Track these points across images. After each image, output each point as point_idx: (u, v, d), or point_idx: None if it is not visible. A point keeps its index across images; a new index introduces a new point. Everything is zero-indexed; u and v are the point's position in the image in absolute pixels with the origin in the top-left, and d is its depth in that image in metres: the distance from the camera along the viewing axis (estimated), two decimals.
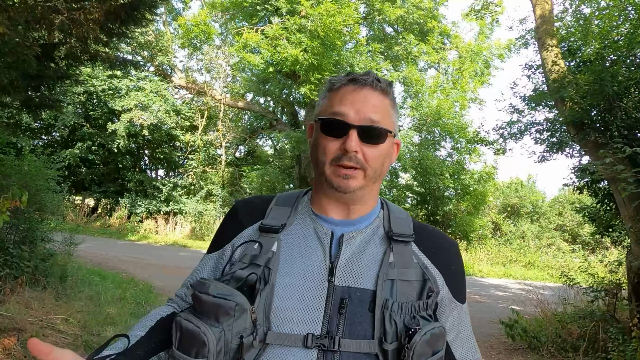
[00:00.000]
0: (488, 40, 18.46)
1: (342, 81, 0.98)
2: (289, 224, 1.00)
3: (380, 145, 0.96)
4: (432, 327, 0.88)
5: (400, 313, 0.88)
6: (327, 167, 0.95)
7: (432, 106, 16.57)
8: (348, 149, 0.92)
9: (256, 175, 17.72)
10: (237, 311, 0.84)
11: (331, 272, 0.92)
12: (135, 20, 4.41)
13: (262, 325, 0.87)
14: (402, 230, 1.00)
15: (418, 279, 0.94)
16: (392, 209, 1.07)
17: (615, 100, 5.71)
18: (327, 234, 0.98)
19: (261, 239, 0.97)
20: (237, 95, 19.63)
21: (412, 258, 0.96)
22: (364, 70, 15.15)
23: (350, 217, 1.00)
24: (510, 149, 11.08)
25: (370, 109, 0.95)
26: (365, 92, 0.96)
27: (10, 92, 4.47)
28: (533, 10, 7.18)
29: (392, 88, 1.02)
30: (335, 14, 13.88)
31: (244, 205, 1.08)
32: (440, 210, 17.05)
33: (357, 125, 0.93)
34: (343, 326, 0.88)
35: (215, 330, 0.82)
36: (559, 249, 19.91)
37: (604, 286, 5.68)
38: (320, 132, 0.97)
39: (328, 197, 1.00)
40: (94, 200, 18.85)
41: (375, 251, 0.96)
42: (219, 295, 0.84)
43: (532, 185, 24.78)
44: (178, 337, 0.85)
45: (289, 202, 1.05)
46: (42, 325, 4.45)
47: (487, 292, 10.40)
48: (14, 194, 3.76)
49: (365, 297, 0.90)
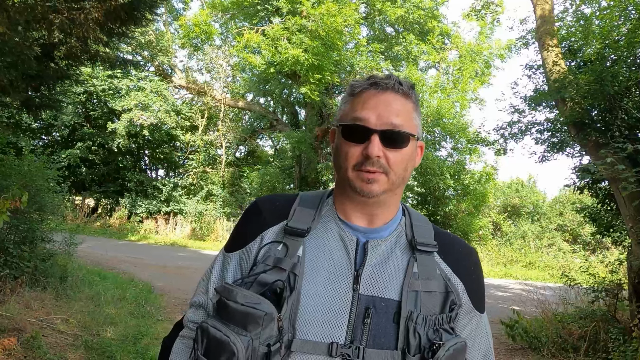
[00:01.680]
0: (488, 40, 18.46)
1: (363, 85, 0.97)
2: (313, 228, 0.98)
3: (403, 150, 0.94)
4: (455, 342, 0.89)
5: (425, 326, 0.88)
6: (350, 172, 0.94)
7: (432, 106, 16.55)
8: (370, 154, 0.90)
9: (256, 176, 17.73)
10: (265, 320, 0.83)
11: (356, 281, 0.91)
12: (135, 20, 4.41)
13: (287, 332, 0.87)
14: (425, 239, 0.99)
15: (441, 290, 0.94)
16: (414, 215, 1.05)
17: (615, 100, 5.70)
18: (353, 240, 0.96)
19: (286, 240, 0.95)
20: (238, 95, 19.64)
21: (435, 269, 0.96)
22: (365, 70, 15.23)
23: (373, 225, 0.99)
24: (511, 149, 11.09)
25: (392, 112, 0.93)
26: (387, 96, 0.95)
27: (10, 92, 4.47)
28: (533, 10, 7.17)
29: (414, 91, 1.00)
30: (336, 14, 13.88)
31: (268, 203, 1.05)
32: (440, 211, 17.04)
33: (379, 129, 0.92)
34: (367, 336, 0.87)
35: (244, 339, 0.82)
36: (559, 249, 19.90)
37: (604, 286, 5.67)
38: (342, 138, 0.95)
39: (351, 202, 0.98)
40: (94, 201, 18.84)
41: (399, 260, 0.95)
42: (247, 304, 0.84)
43: (532, 185, 24.77)
44: (205, 345, 0.85)
45: (313, 203, 1.02)
46: (42, 325, 4.44)
47: (488, 292, 10.29)
48: (14, 194, 3.76)
49: (389, 307, 0.90)
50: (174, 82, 19.06)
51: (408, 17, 17.04)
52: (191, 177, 19.09)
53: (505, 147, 8.41)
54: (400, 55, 17.83)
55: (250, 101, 19.76)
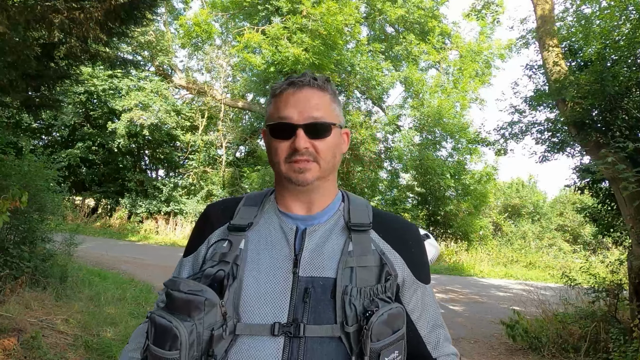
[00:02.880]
0: (489, 40, 18.46)
1: (282, 86, 1.05)
2: (255, 223, 1.06)
3: (327, 139, 1.02)
4: (390, 307, 0.94)
5: (359, 297, 0.94)
6: (283, 165, 1.02)
7: (432, 106, 16.56)
8: (298, 147, 0.99)
9: (257, 176, 17.71)
10: (207, 306, 0.89)
11: (295, 264, 0.98)
12: (136, 20, 4.40)
13: (231, 318, 0.93)
14: (361, 219, 1.06)
15: (376, 264, 0.99)
16: (353, 200, 1.12)
17: (616, 100, 5.70)
18: (292, 229, 1.04)
19: (230, 237, 1.03)
20: (238, 95, 19.63)
21: (370, 245, 1.02)
22: (364, 70, 15.21)
23: (312, 212, 1.06)
24: (512, 149, 11.08)
25: (312, 107, 1.01)
26: (305, 92, 1.03)
27: (10, 92, 4.47)
28: (534, 10, 7.17)
29: (330, 83, 1.08)
30: (336, 13, 13.88)
31: (215, 208, 1.14)
32: (441, 211, 17.02)
33: (302, 124, 1.00)
34: (308, 313, 0.94)
35: (187, 324, 0.87)
36: (560, 249, 19.90)
37: (605, 286, 5.66)
38: (271, 137, 1.04)
39: (290, 193, 1.07)
40: (94, 201, 18.83)
41: (336, 242, 1.02)
42: (190, 292, 0.89)
43: (533, 185, 24.80)
44: (153, 333, 0.89)
45: (256, 201, 1.11)
46: (42, 325, 4.44)
47: (488, 293, 10.38)
48: (14, 194, 3.76)
49: (327, 285, 0.96)
50: (174, 82, 19.06)
51: (408, 17, 17.04)
52: (191, 177, 19.08)
53: (506, 147, 8.41)
54: (401, 55, 17.84)
55: (250, 101, 19.74)
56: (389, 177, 18.42)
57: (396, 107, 18.52)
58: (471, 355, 5.49)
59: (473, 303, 8.87)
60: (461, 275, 13.53)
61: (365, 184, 16.22)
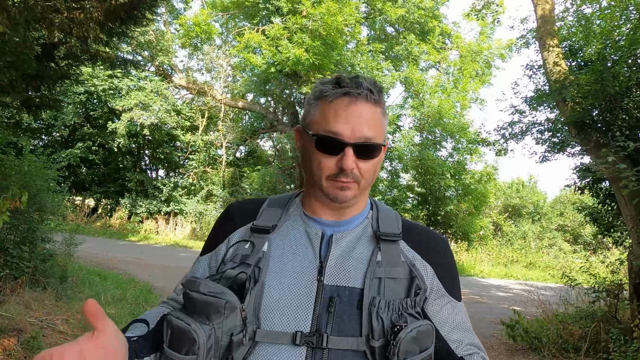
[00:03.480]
0: (489, 40, 18.45)
1: (335, 94, 0.95)
2: (279, 225, 1.02)
3: (374, 160, 0.97)
4: (419, 324, 0.89)
5: (387, 310, 0.89)
6: (324, 182, 0.96)
7: (433, 106, 16.55)
8: (345, 168, 0.92)
9: (257, 176, 17.71)
10: (227, 309, 0.85)
11: (320, 272, 0.94)
12: (136, 20, 4.40)
13: (251, 324, 0.89)
14: (390, 229, 1.01)
15: (405, 276, 0.95)
16: (382, 209, 1.08)
17: (616, 101, 5.70)
18: (318, 234, 1.00)
19: (252, 238, 0.99)
20: (238, 95, 19.62)
21: (399, 256, 0.97)
22: (365, 70, 15.18)
23: (340, 219, 1.02)
24: (512, 149, 11.08)
25: (364, 125, 0.93)
26: (359, 106, 0.94)
27: (10, 92, 4.46)
28: (534, 10, 7.16)
29: (383, 94, 1.01)
30: (336, 13, 13.88)
31: (238, 207, 1.10)
32: (441, 211, 17.02)
33: (352, 143, 0.93)
34: (332, 324, 0.89)
35: (206, 327, 0.84)
36: (560, 249, 19.90)
37: (605, 287, 5.67)
38: (314, 148, 0.96)
39: (321, 203, 1.02)
40: (94, 201, 18.82)
41: (363, 251, 0.98)
42: (210, 294, 0.85)
43: (533, 185, 24.78)
44: (169, 335, 0.86)
45: (280, 203, 1.07)
46: (42, 326, 4.43)
47: (488, 293, 10.37)
48: (14, 194, 3.75)
49: (353, 295, 0.92)
50: (174, 82, 19.05)
51: (408, 17, 17.03)
52: (191, 177, 19.08)
53: (506, 147, 8.42)
54: (401, 55, 17.82)
55: (250, 101, 19.74)
56: (389, 177, 18.43)
57: (396, 107, 18.53)
58: None
59: (473, 303, 8.87)
60: (461, 276, 13.44)
61: None
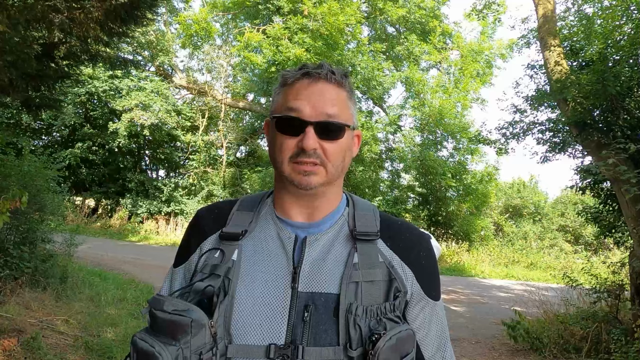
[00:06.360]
0: (490, 39, 18.44)
1: (295, 75, 0.93)
2: (250, 230, 0.96)
3: (339, 140, 0.91)
4: (399, 330, 0.85)
5: (365, 317, 0.85)
6: (286, 165, 0.91)
7: (434, 106, 16.53)
8: (305, 147, 0.87)
9: (257, 176, 17.70)
10: (193, 327, 0.80)
11: (294, 278, 0.89)
12: (136, 20, 4.39)
13: (222, 339, 0.84)
14: (367, 227, 0.95)
15: (384, 279, 0.90)
16: (358, 204, 1.01)
17: (618, 101, 5.68)
18: (291, 238, 0.94)
19: (222, 246, 0.93)
20: (238, 95, 19.63)
21: (377, 257, 0.92)
22: (365, 70, 15.18)
23: (314, 219, 0.96)
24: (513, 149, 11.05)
25: (326, 103, 0.90)
26: (320, 86, 0.91)
27: (10, 92, 4.45)
28: (535, 10, 7.15)
29: (348, 79, 0.97)
30: (337, 13, 13.87)
31: (207, 212, 1.04)
32: (442, 211, 17.00)
33: (313, 121, 0.89)
34: (307, 334, 0.85)
35: (172, 349, 0.78)
36: (561, 249, 19.86)
37: (606, 287, 5.65)
38: (276, 130, 0.92)
39: (290, 197, 0.96)
40: (95, 201, 18.83)
41: (339, 253, 0.92)
42: (174, 312, 0.80)
43: (534, 185, 24.76)
44: (135, 358, 0.81)
45: (251, 205, 1.00)
46: (42, 326, 4.43)
47: (489, 293, 10.36)
48: (14, 194, 3.74)
49: (329, 302, 0.87)
50: (174, 82, 19.06)
51: (409, 17, 17.03)
52: (192, 177, 19.08)
53: (507, 147, 8.39)
54: (402, 55, 17.82)
55: (251, 101, 19.74)
56: (390, 177, 18.41)
57: (397, 107, 18.52)
58: (472, 356, 5.48)
59: (474, 304, 8.85)
60: (462, 276, 13.51)
61: (367, 184, 16.22)
